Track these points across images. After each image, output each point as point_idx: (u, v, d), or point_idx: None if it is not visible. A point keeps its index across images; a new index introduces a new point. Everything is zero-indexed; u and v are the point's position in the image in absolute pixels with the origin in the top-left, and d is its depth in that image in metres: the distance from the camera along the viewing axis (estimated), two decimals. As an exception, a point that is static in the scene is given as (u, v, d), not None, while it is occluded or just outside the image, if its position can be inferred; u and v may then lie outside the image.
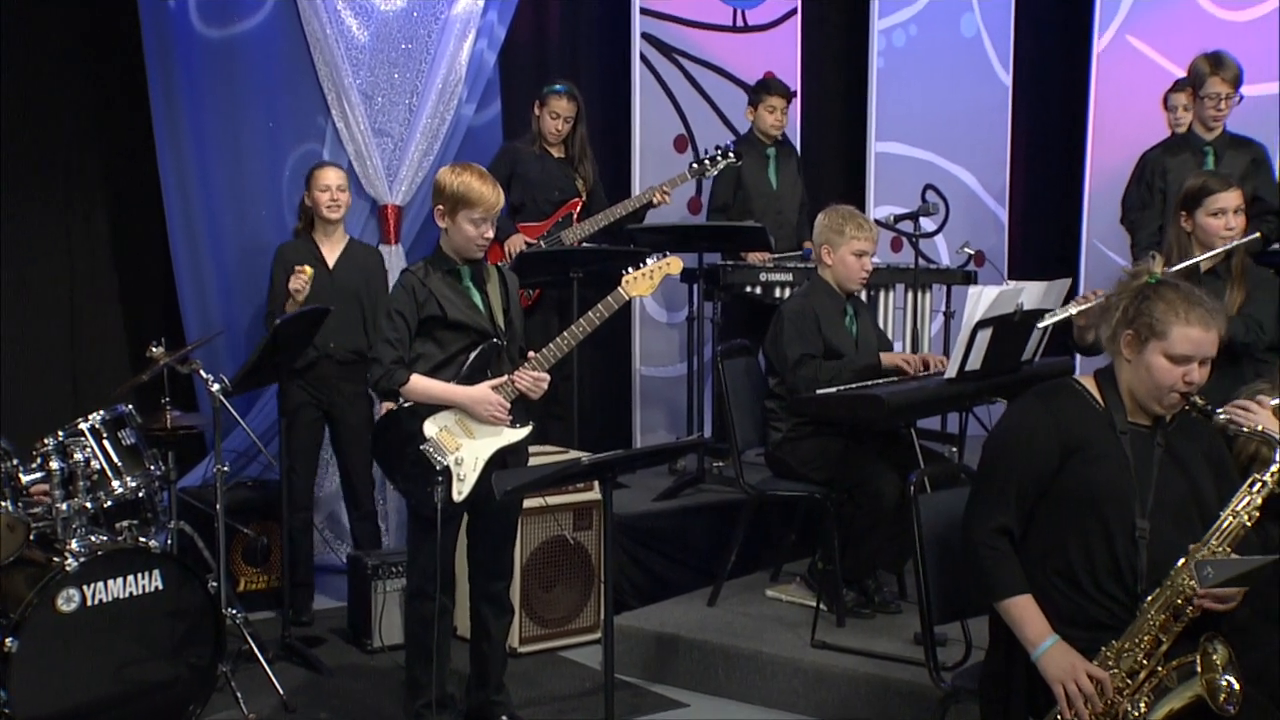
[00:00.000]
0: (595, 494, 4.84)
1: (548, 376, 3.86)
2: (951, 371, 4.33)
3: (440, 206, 3.83)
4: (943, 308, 6.40)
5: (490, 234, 3.86)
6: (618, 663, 3.94)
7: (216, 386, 4.40)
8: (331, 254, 5.22)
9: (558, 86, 5.84)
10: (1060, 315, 4.26)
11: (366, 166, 5.76)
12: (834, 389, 4.47)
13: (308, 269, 4.99)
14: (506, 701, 4.09)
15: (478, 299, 3.88)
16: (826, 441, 4.57)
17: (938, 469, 4.06)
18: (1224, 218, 4.11)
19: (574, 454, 4.75)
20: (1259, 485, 2.77)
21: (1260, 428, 2.88)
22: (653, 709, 4.35)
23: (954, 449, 5.50)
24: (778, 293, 5.78)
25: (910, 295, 5.97)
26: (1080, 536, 2.85)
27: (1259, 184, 4.85)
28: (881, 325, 5.98)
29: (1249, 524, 2.76)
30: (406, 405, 3.81)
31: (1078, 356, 6.74)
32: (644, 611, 4.90)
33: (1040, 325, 4.29)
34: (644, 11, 6.65)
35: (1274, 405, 3.01)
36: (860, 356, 4.68)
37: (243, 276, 5.64)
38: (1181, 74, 6.03)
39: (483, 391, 3.79)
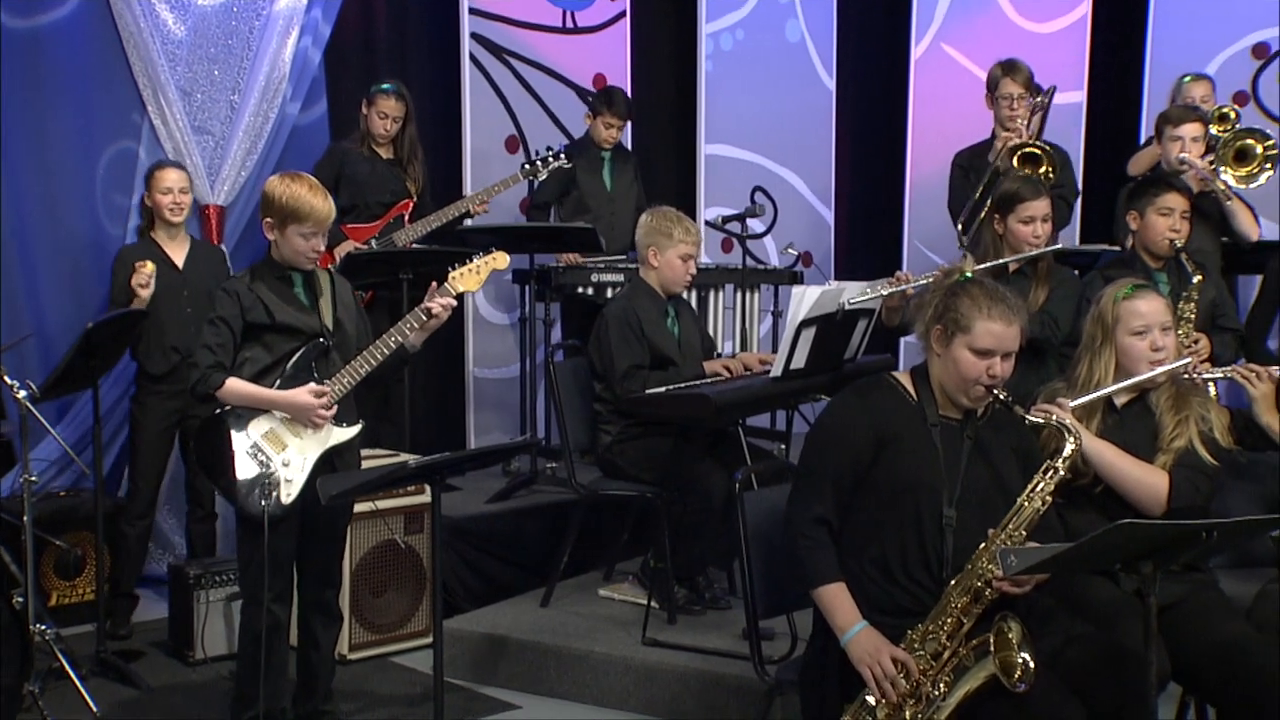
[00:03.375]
0: (426, 497, 4.79)
1: (454, 303, 3.85)
2: (777, 370, 4.42)
3: (269, 219, 3.76)
4: (771, 307, 6.53)
5: (321, 247, 3.80)
6: (449, 666, 3.93)
7: (23, 393, 4.20)
8: (178, 255, 5.06)
9: (385, 86, 5.76)
10: (871, 296, 4.39)
11: (186, 165, 5.58)
12: (662, 389, 4.52)
13: (149, 264, 4.83)
14: (335, 710, 4.03)
15: (307, 302, 3.82)
16: (656, 441, 4.61)
17: (763, 466, 4.14)
18: (1033, 225, 4.30)
19: (405, 457, 4.69)
20: (1052, 472, 2.93)
21: (1055, 418, 3.02)
22: (484, 711, 4.33)
23: (782, 446, 5.62)
24: (610, 293, 5.81)
25: (739, 295, 6.08)
26: (893, 526, 2.96)
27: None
28: (711, 325, 6.07)
29: (1042, 508, 2.89)
30: (229, 409, 3.73)
31: (901, 352, 6.99)
32: (476, 614, 4.87)
33: (848, 306, 4.39)
34: (473, 11, 6.59)
35: (1073, 406, 3.16)
36: (685, 362, 4.73)
37: (54, 277, 5.39)
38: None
39: (302, 397, 3.72)
